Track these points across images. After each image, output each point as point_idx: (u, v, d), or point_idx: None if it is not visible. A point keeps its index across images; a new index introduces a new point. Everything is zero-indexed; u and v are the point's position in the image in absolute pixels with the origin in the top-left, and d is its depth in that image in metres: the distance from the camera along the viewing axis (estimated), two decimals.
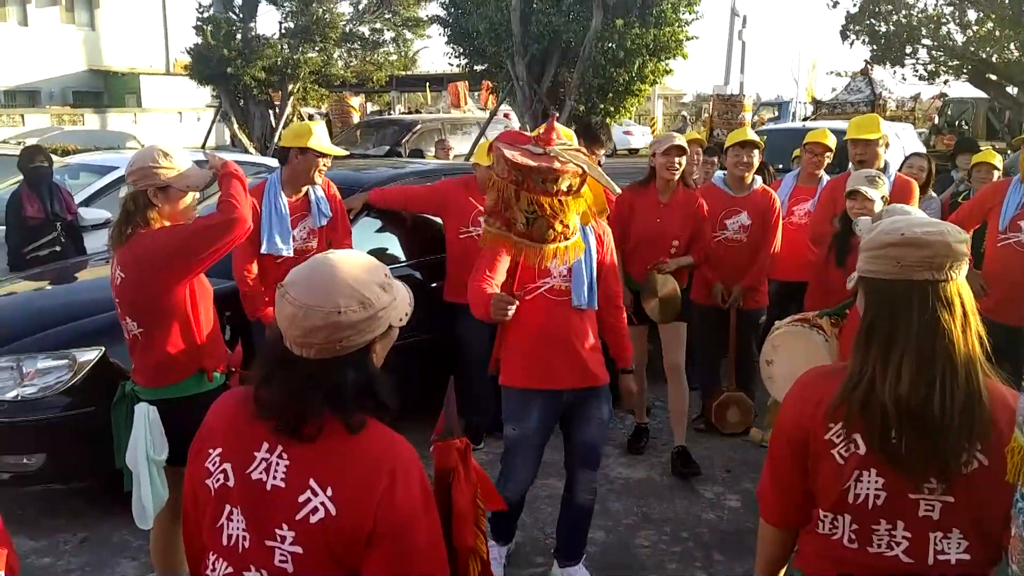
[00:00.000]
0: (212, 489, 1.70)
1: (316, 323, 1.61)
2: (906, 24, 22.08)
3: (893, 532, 1.82)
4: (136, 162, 3.08)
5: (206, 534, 1.74)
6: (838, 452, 1.83)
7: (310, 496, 1.61)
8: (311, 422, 1.63)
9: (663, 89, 38.11)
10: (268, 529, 1.64)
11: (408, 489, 1.64)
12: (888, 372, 1.76)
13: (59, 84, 31.40)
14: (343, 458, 1.64)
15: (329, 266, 1.68)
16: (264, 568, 1.65)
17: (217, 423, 1.78)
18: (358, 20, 22.36)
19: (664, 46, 13.43)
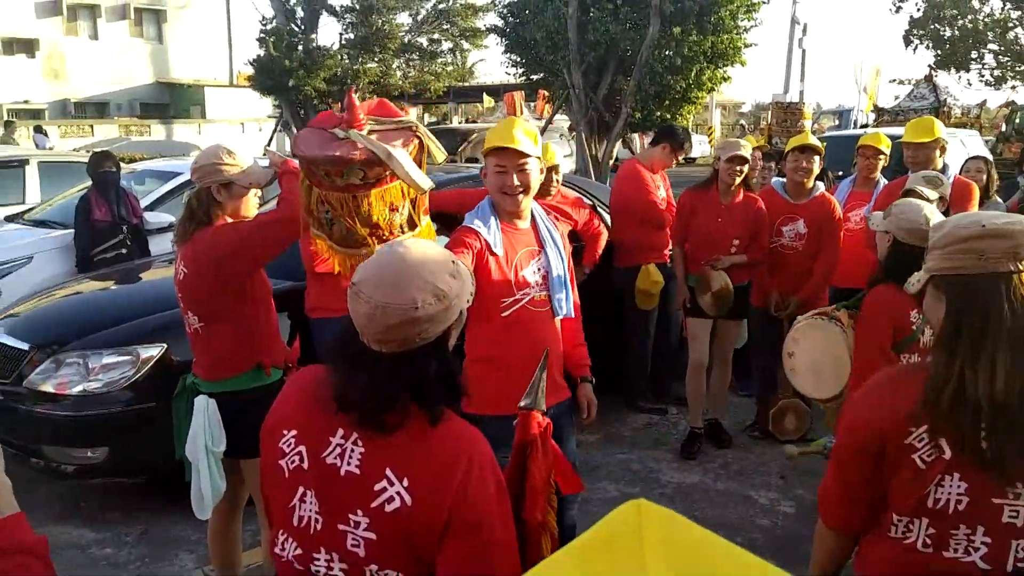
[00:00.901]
0: (286, 470, 1.71)
1: (395, 321, 1.60)
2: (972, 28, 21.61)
3: (972, 537, 1.75)
4: (201, 160, 3.15)
5: (277, 513, 1.75)
6: (920, 457, 1.76)
7: (386, 485, 1.61)
8: (392, 414, 1.63)
9: (721, 98, 37.78)
10: (342, 514, 1.65)
11: (483, 483, 1.64)
12: (979, 370, 1.70)
13: (127, 96, 32.38)
14: (420, 450, 1.63)
15: (399, 259, 1.65)
16: (335, 551, 1.66)
17: (291, 405, 1.79)
18: (417, 31, 22.67)
19: (722, 53, 13.32)
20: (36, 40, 30.08)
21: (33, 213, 7.91)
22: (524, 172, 2.96)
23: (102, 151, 7.49)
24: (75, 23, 31.42)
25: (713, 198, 5.05)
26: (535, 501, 2.02)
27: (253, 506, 3.33)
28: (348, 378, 1.65)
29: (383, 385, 1.63)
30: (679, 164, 6.26)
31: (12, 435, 4.32)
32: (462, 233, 2.99)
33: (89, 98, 31.47)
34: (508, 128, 2.96)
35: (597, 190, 6.71)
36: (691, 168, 26.80)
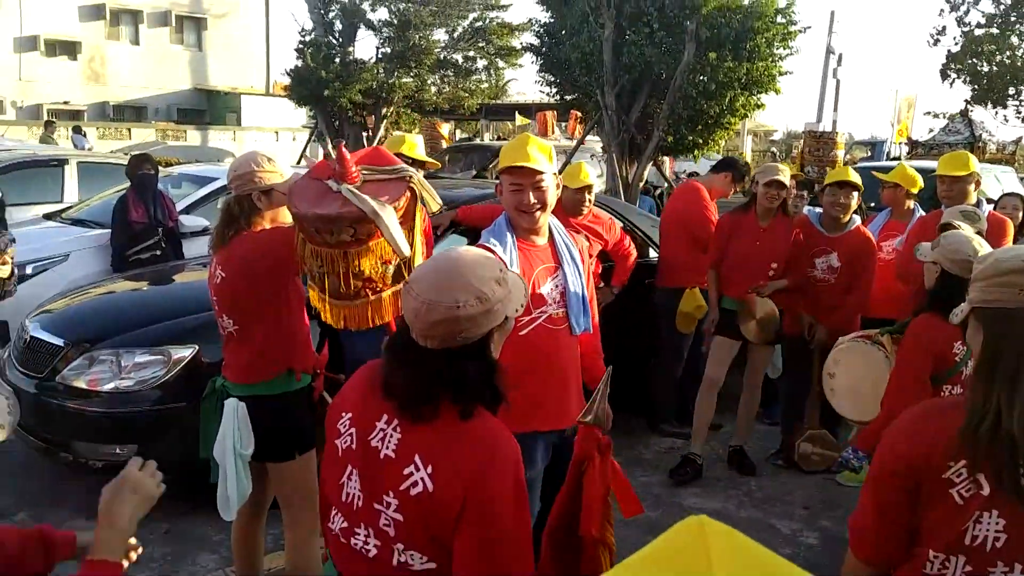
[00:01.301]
0: (340, 449, 1.88)
1: (437, 317, 1.74)
2: (1010, 65, 21.45)
3: (1009, 575, 1.73)
4: (240, 167, 3.17)
5: (330, 488, 1.91)
6: (958, 492, 1.74)
7: (413, 471, 1.75)
8: (428, 406, 1.77)
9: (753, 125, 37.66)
10: (378, 494, 1.79)
11: (502, 478, 1.74)
12: (1016, 403, 1.70)
13: (165, 101, 32.82)
14: (448, 440, 1.76)
15: (450, 263, 1.81)
16: (371, 527, 1.81)
17: (351, 391, 1.95)
18: (452, 47, 22.83)
19: (757, 80, 13.28)
20: (78, 43, 30.60)
21: (71, 212, 8.05)
22: (540, 189, 2.93)
23: (142, 153, 7.62)
24: (117, 28, 31.95)
25: (751, 222, 5.07)
26: (591, 516, 2.07)
27: (277, 509, 3.36)
28: (394, 368, 1.82)
29: (422, 377, 1.77)
30: None
31: (44, 428, 4.39)
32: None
33: (128, 102, 31.94)
34: (522, 145, 2.93)
35: (628, 211, 6.73)
36: None
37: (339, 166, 2.62)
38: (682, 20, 12.61)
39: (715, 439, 5.79)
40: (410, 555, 1.77)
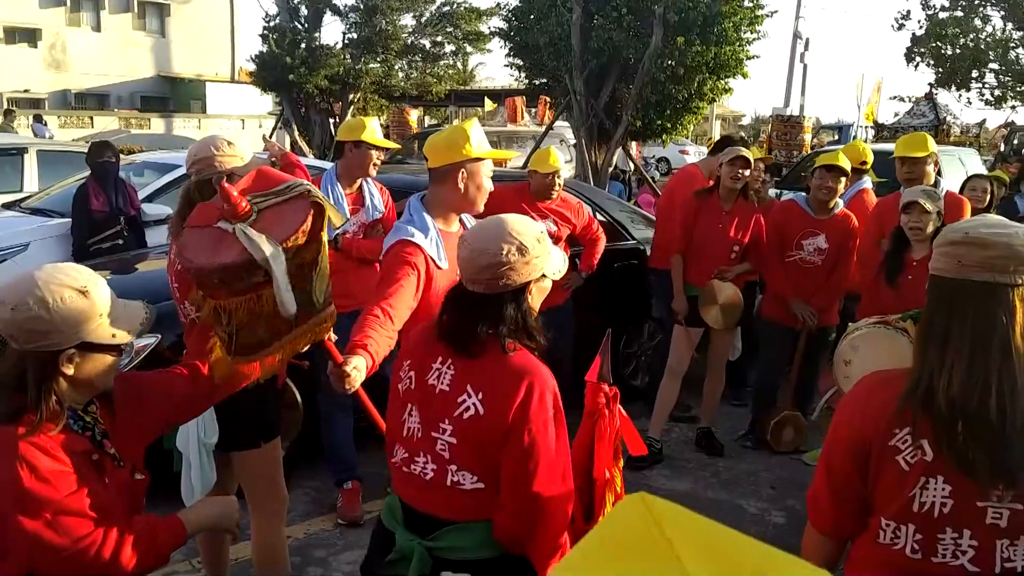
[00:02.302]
0: (401, 391, 2.21)
1: (484, 263, 2.06)
2: (973, 48, 21.69)
3: (959, 541, 1.75)
4: (199, 152, 3.09)
5: (394, 427, 2.23)
6: (903, 458, 1.76)
7: (466, 398, 2.08)
8: (475, 342, 2.08)
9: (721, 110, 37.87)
10: (435, 423, 2.11)
11: (541, 402, 2.05)
12: (943, 372, 1.72)
13: (128, 89, 32.35)
14: (494, 371, 2.08)
15: (499, 220, 2.15)
16: (429, 453, 2.12)
17: (415, 342, 2.25)
18: (420, 33, 22.67)
19: (724, 64, 13.30)
20: (39, 30, 30.04)
21: (31, 201, 7.90)
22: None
23: (102, 141, 7.47)
24: (78, 14, 31.39)
25: (714, 204, 5.07)
26: (602, 461, 2.35)
27: (243, 499, 3.32)
28: (447, 312, 2.16)
29: (469, 317, 2.10)
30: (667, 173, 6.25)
31: None
32: (402, 248, 2.93)
33: (90, 89, 31.43)
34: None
35: (597, 196, 6.73)
36: None
37: (226, 204, 2.28)
38: (650, 4, 12.60)
39: (684, 421, 5.81)
40: (462, 475, 2.08)
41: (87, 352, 1.87)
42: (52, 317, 1.79)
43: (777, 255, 5.16)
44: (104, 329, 1.88)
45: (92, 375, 1.92)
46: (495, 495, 2.08)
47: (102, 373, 1.94)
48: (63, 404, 1.88)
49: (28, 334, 1.80)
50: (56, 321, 1.79)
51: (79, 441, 1.91)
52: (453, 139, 3.00)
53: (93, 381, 1.94)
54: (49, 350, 1.83)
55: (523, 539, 2.09)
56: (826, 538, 1.99)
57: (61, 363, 1.84)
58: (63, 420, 1.87)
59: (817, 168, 5.12)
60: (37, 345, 1.82)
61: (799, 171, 12.30)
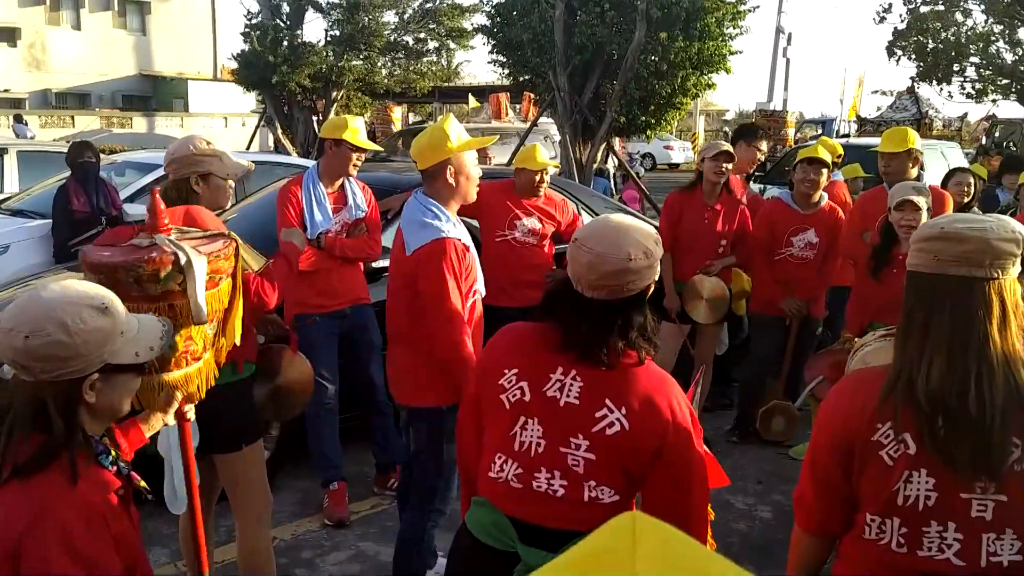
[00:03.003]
0: (507, 403, 2.07)
1: (610, 268, 1.96)
2: (954, 41, 21.84)
3: (944, 534, 1.75)
4: (177, 152, 3.10)
5: (496, 440, 2.09)
6: (887, 453, 1.77)
7: (607, 413, 1.97)
8: (610, 352, 1.98)
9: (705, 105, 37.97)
10: (564, 438, 2.00)
11: (684, 416, 2.01)
12: (922, 367, 1.73)
13: (109, 88, 32.09)
14: (631, 384, 1.99)
15: (619, 223, 2.04)
16: (557, 470, 2.00)
17: (504, 352, 2.14)
18: (403, 30, 22.61)
19: (708, 60, 13.33)
20: (18, 28, 29.73)
21: (11, 202, 7.83)
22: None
23: (82, 141, 7.42)
24: (58, 12, 31.09)
25: (698, 200, 5.09)
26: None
27: (227, 502, 3.30)
28: (572, 322, 2.02)
29: (601, 327, 1.99)
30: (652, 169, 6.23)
31: None
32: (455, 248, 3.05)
33: (70, 89, 31.16)
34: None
35: (582, 193, 6.71)
36: (676, 174, 26.90)
37: (150, 217, 2.35)
38: (632, 0, 12.60)
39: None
40: (600, 490, 1.98)
41: (109, 375, 1.69)
42: (74, 341, 1.60)
43: (765, 253, 5.17)
44: (126, 348, 1.71)
45: (115, 401, 1.75)
46: (630, 502, 2.04)
47: (125, 397, 1.78)
48: (87, 438, 1.68)
49: (46, 362, 1.60)
50: (78, 345, 1.61)
51: (110, 479, 1.73)
52: (435, 139, 3.12)
53: (115, 407, 1.77)
54: (70, 378, 1.63)
55: None
56: (813, 536, 1.99)
57: (84, 391, 1.65)
58: (92, 457, 1.69)
59: (798, 162, 5.14)
60: (57, 374, 1.61)
61: (782, 166, 12.36)
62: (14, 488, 1.58)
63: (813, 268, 5.12)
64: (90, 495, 1.63)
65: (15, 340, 1.59)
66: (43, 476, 1.59)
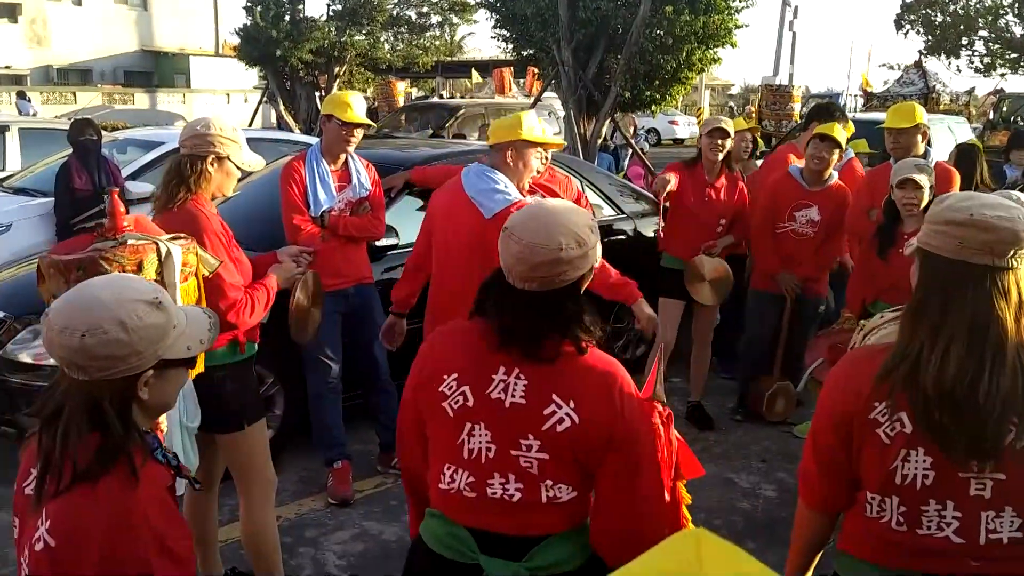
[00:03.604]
0: (451, 410, 1.95)
1: (542, 259, 1.86)
2: (963, 15, 21.62)
3: (943, 513, 1.76)
4: (200, 128, 3.05)
5: (442, 450, 1.99)
6: (883, 431, 1.77)
7: (555, 409, 1.89)
8: (548, 346, 1.90)
9: (710, 80, 37.67)
10: (513, 441, 1.91)
11: (632, 403, 1.94)
12: (935, 353, 1.71)
13: (111, 64, 31.97)
14: (577, 376, 1.91)
15: (547, 210, 1.96)
16: (511, 473, 1.91)
17: (443, 354, 2.02)
18: (405, 4, 22.48)
19: (713, 34, 13.19)
20: (19, 5, 29.59)
21: (13, 180, 7.82)
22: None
23: (83, 118, 7.38)
24: None
25: (699, 176, 5.04)
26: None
27: (231, 481, 3.30)
28: (505, 317, 1.92)
29: (535, 320, 1.90)
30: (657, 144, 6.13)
31: None
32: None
33: (72, 65, 31.04)
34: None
35: (586, 170, 6.67)
36: (681, 149, 26.76)
37: (109, 220, 2.44)
38: None
39: (674, 395, 5.82)
40: (558, 488, 1.91)
41: (162, 371, 1.65)
42: (131, 338, 1.56)
43: (768, 226, 5.12)
44: (179, 342, 1.67)
45: (166, 395, 1.71)
46: (587, 497, 1.97)
47: (175, 391, 1.75)
48: (143, 434, 1.66)
49: (104, 361, 1.55)
50: (135, 342, 1.56)
51: (164, 473, 1.70)
52: (510, 122, 3.65)
53: (166, 402, 1.73)
54: (126, 375, 1.59)
55: (630, 545, 1.86)
56: (817, 513, 2.01)
57: (139, 388, 1.62)
58: (149, 453, 1.66)
59: (812, 138, 5.08)
60: (113, 372, 1.57)
61: (789, 140, 12.27)
62: (82, 492, 1.54)
63: (812, 246, 5.07)
64: (155, 491, 1.61)
65: (70, 340, 1.53)
66: (109, 477, 1.55)
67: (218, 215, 3.12)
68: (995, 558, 1.75)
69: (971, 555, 1.76)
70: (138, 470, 1.58)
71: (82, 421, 1.56)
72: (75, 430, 1.55)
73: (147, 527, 1.54)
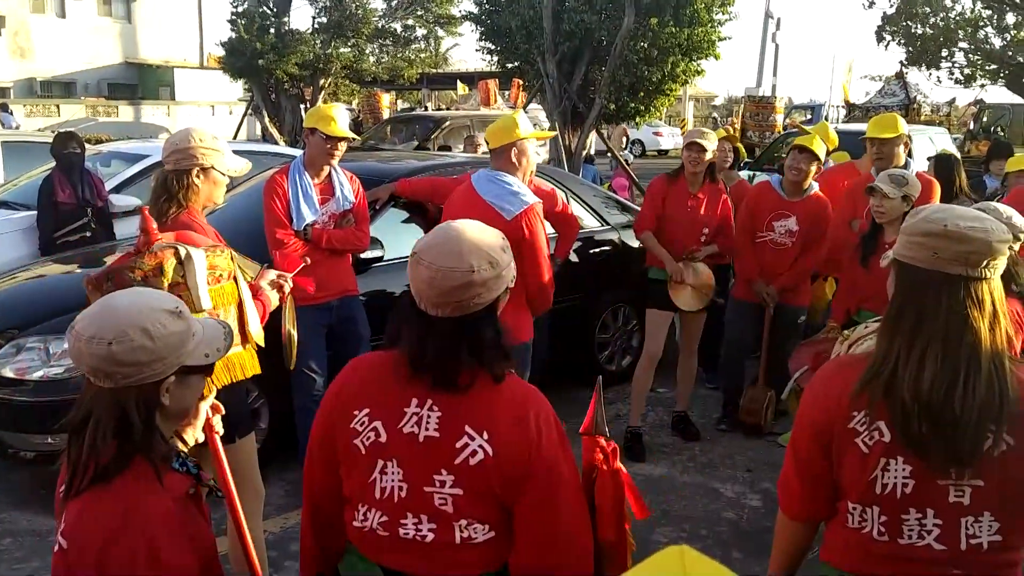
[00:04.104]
0: (363, 447, 1.84)
1: (454, 284, 1.77)
2: (943, 27, 21.86)
3: (923, 521, 1.78)
4: (180, 142, 3.06)
5: (355, 489, 1.88)
6: (862, 441, 1.79)
7: (468, 441, 1.78)
8: (463, 374, 1.80)
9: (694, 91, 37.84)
10: (426, 477, 1.80)
11: (550, 432, 1.83)
12: (910, 363, 1.73)
13: (95, 76, 31.81)
14: (492, 406, 1.81)
15: (457, 232, 1.84)
16: (424, 513, 1.80)
17: (356, 388, 1.90)
18: (391, 16, 22.48)
19: (697, 46, 13.29)
20: (2, 17, 29.39)
21: None
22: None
23: (67, 131, 7.34)
24: (42, 0, 30.79)
25: (682, 187, 5.08)
26: (606, 522, 2.02)
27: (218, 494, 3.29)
28: (417, 344, 1.81)
29: (448, 347, 1.79)
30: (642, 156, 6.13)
31: None
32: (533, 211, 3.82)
33: (56, 77, 30.87)
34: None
35: (571, 182, 6.70)
36: (665, 160, 26.88)
37: (143, 235, 2.71)
38: None
39: (660, 405, 5.84)
40: (473, 528, 1.80)
41: (182, 377, 1.74)
42: (155, 345, 1.65)
43: (747, 235, 5.19)
44: (198, 349, 1.76)
45: (186, 401, 1.79)
46: (507, 539, 1.84)
47: (194, 398, 1.83)
48: (164, 439, 1.73)
49: (130, 367, 1.63)
50: (159, 348, 1.66)
51: (181, 481, 1.75)
52: (506, 125, 3.96)
53: (186, 408, 1.82)
54: (150, 381, 1.67)
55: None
56: (797, 523, 2.02)
57: (161, 393, 1.70)
58: (167, 459, 1.73)
59: (791, 149, 5.14)
60: (138, 378, 1.65)
61: (772, 151, 12.35)
62: (95, 493, 1.63)
63: (790, 256, 5.13)
64: (167, 497, 1.67)
65: (99, 348, 1.62)
66: (122, 479, 1.63)
67: (211, 227, 3.12)
68: (975, 564, 1.77)
69: (953, 562, 1.78)
70: (159, 474, 1.66)
71: (108, 426, 1.64)
72: (101, 435, 1.64)
73: (144, 536, 1.58)
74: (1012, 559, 1.77)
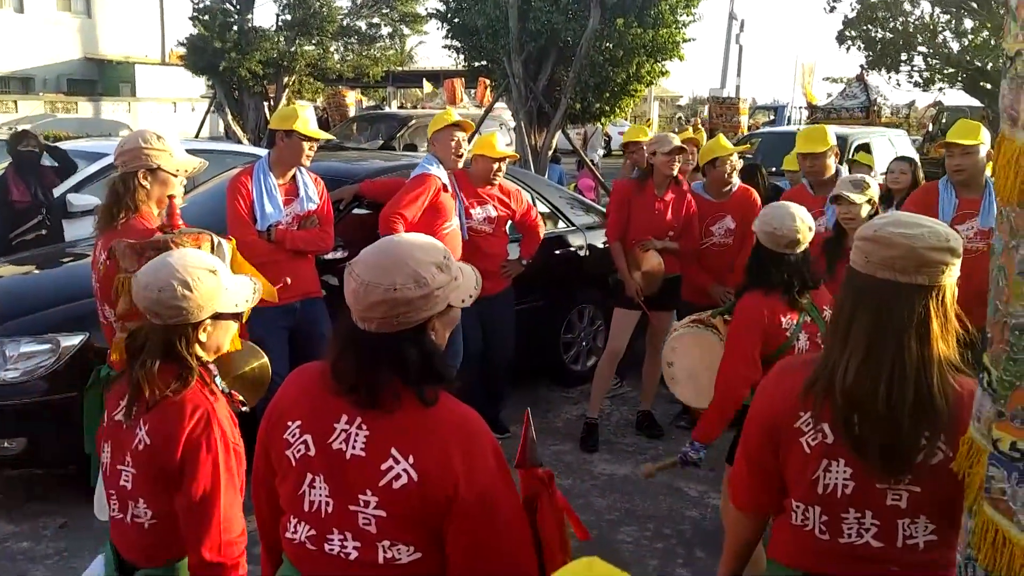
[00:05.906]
0: (293, 459, 1.82)
1: (375, 299, 1.72)
2: (903, 31, 22.18)
3: (862, 520, 1.84)
4: (127, 144, 3.08)
5: (286, 501, 1.86)
6: (806, 441, 1.85)
7: (392, 464, 1.72)
8: (386, 393, 1.73)
9: (659, 91, 38.07)
10: (352, 495, 1.75)
11: (484, 460, 1.75)
12: (842, 364, 1.79)
13: (54, 71, 31.25)
14: (421, 429, 1.74)
15: (392, 246, 1.81)
16: (348, 531, 1.76)
17: (292, 398, 1.89)
18: (355, 14, 22.36)
19: (661, 47, 13.36)
20: None
21: None
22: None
23: (22, 129, 7.23)
24: None
25: (649, 191, 5.11)
26: (552, 549, 1.99)
27: None
28: (340, 355, 1.79)
29: (367, 361, 1.74)
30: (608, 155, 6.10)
31: None
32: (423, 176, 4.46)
33: (13, 73, 30.26)
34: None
35: (536, 183, 6.70)
36: None
37: (169, 219, 3.02)
38: None
39: (625, 405, 5.87)
40: (397, 549, 1.74)
41: (217, 320, 2.19)
42: (194, 295, 2.09)
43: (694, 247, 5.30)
44: (229, 300, 2.20)
45: (220, 339, 2.25)
46: (437, 559, 1.77)
47: (226, 336, 2.27)
48: (205, 364, 2.21)
49: (173, 311, 2.09)
50: (196, 298, 2.09)
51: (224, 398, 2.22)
52: (440, 116, 4.66)
53: (220, 345, 2.27)
54: (190, 323, 2.13)
55: None
56: (745, 515, 2.09)
57: (200, 331, 2.16)
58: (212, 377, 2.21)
59: (707, 162, 5.29)
60: (180, 319, 2.11)
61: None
62: (170, 404, 2.10)
63: (733, 253, 5.22)
64: (221, 408, 2.17)
65: (151, 293, 2.08)
66: (190, 392, 2.11)
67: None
68: (913, 563, 1.83)
69: (891, 560, 1.83)
70: (214, 388, 2.17)
71: (157, 354, 2.12)
72: (152, 361, 2.11)
73: (220, 429, 2.10)
74: (948, 557, 1.81)
